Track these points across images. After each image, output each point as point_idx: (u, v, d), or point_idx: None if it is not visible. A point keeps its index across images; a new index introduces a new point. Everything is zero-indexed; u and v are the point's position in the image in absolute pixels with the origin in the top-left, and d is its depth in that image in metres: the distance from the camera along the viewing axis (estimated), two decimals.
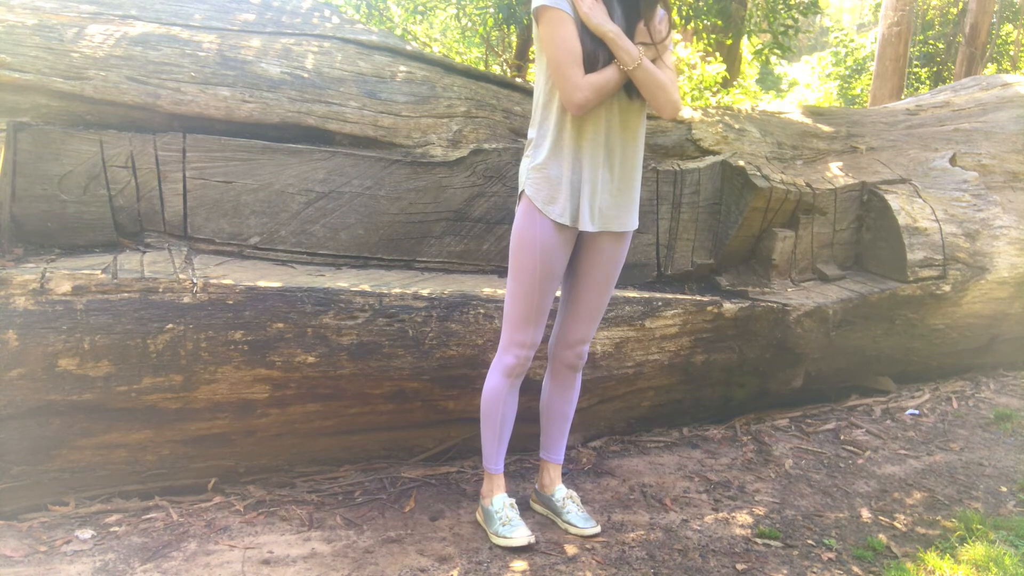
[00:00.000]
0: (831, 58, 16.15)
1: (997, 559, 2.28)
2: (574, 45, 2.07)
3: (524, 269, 2.22)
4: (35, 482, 2.36)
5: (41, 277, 2.24)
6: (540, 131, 2.20)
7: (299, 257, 2.81)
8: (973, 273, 3.82)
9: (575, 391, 2.47)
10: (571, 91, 2.07)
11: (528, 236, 2.21)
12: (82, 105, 2.62)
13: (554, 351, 2.43)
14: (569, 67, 2.07)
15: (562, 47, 2.07)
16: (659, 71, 2.14)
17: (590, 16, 2.08)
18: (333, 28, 3.23)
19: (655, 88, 2.13)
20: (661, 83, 2.13)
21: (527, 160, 2.25)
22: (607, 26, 2.08)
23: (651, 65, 2.12)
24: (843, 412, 3.65)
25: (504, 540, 2.29)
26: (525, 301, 2.24)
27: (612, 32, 2.09)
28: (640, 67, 2.10)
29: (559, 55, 2.07)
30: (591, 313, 2.38)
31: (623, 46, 2.09)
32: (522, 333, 2.27)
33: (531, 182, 2.20)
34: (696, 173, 3.47)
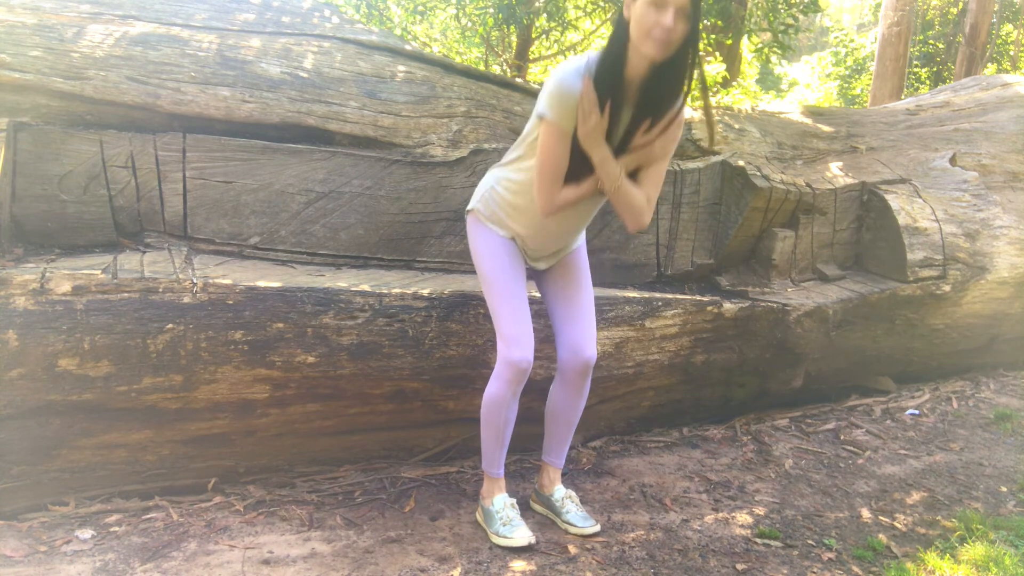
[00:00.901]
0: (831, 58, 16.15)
1: (997, 559, 2.28)
2: (562, 163, 2.13)
3: (492, 272, 2.32)
4: (35, 482, 2.36)
5: (41, 277, 2.24)
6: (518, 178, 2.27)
7: (299, 257, 2.81)
8: (973, 273, 3.82)
9: (583, 398, 2.46)
10: (543, 203, 2.18)
11: (484, 245, 2.34)
12: (82, 105, 2.62)
13: (562, 360, 2.42)
14: (549, 181, 2.15)
15: (550, 161, 2.13)
16: (635, 193, 2.19)
17: (585, 139, 2.09)
18: (333, 28, 3.23)
19: (626, 210, 2.22)
20: (633, 207, 2.21)
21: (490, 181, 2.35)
22: (595, 152, 2.11)
23: (629, 188, 2.18)
24: (843, 412, 3.65)
25: (504, 540, 2.29)
26: (507, 305, 2.30)
27: (599, 159, 2.12)
28: (618, 190, 2.17)
29: (545, 166, 2.14)
30: (581, 313, 2.42)
31: (607, 171, 2.14)
32: (514, 334, 2.28)
33: (483, 202, 2.35)
34: (696, 173, 3.47)
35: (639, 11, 1.97)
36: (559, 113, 2.07)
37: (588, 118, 2.06)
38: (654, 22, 1.95)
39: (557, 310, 2.45)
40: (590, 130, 2.08)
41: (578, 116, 2.07)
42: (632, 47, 2.02)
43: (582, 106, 2.05)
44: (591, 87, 2.04)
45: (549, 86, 2.09)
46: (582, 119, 2.07)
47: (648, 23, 1.95)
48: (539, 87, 3.80)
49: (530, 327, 2.31)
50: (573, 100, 2.05)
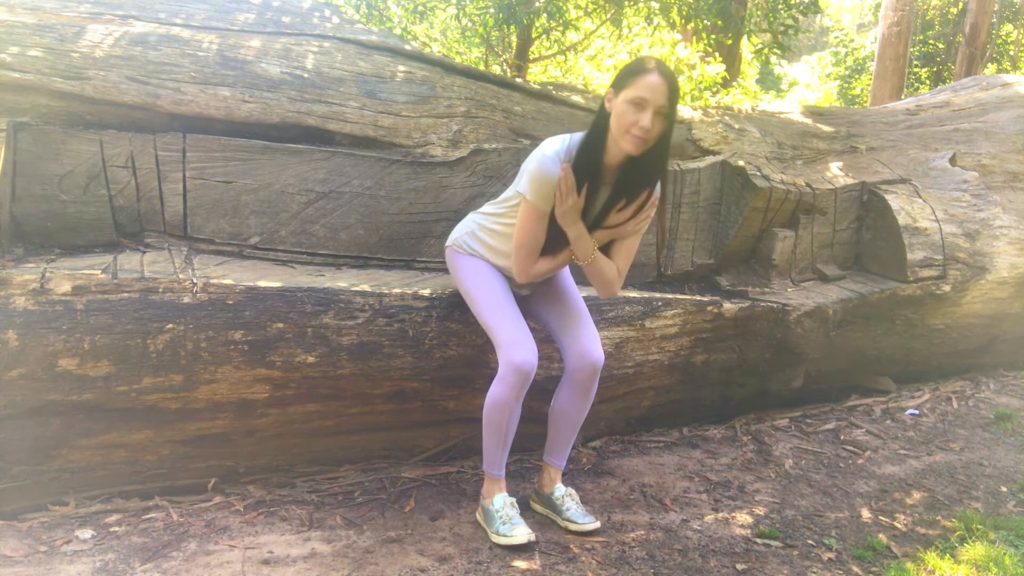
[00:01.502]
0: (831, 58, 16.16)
1: (997, 559, 2.28)
2: (539, 239, 2.28)
3: (479, 288, 2.40)
4: (35, 482, 2.36)
5: (41, 277, 2.24)
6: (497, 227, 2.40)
7: (299, 257, 2.81)
8: (973, 273, 3.82)
9: (590, 400, 2.47)
10: (519, 272, 2.34)
11: (465, 268, 2.45)
12: (82, 105, 2.62)
13: (571, 367, 2.43)
14: (526, 254, 2.31)
15: (527, 237, 2.28)
16: (607, 266, 2.34)
17: (562, 218, 2.23)
18: (333, 28, 3.23)
19: (598, 280, 2.37)
20: (604, 279, 2.35)
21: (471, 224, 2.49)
22: (572, 229, 2.25)
23: (602, 261, 2.33)
24: (843, 412, 3.65)
25: (505, 539, 2.29)
26: (498, 313, 2.34)
27: (574, 233, 2.26)
28: (591, 264, 2.32)
29: (522, 240, 2.29)
30: (579, 317, 2.47)
31: (581, 248, 2.29)
32: (512, 337, 2.29)
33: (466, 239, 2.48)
34: (696, 173, 3.47)
35: (620, 108, 2.09)
36: (538, 195, 2.21)
37: (565, 200, 2.19)
38: (633, 121, 2.07)
39: (555, 321, 2.50)
40: (567, 210, 2.21)
41: (556, 197, 2.20)
42: (611, 139, 2.16)
43: (559, 189, 2.18)
44: (570, 172, 2.16)
45: (530, 168, 2.21)
46: (559, 201, 2.20)
47: (628, 121, 2.08)
48: (539, 87, 3.80)
49: (528, 331, 2.32)
50: (551, 184, 2.18)
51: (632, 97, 2.07)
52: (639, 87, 2.06)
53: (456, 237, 2.54)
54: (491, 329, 2.36)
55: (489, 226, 2.44)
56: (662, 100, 2.06)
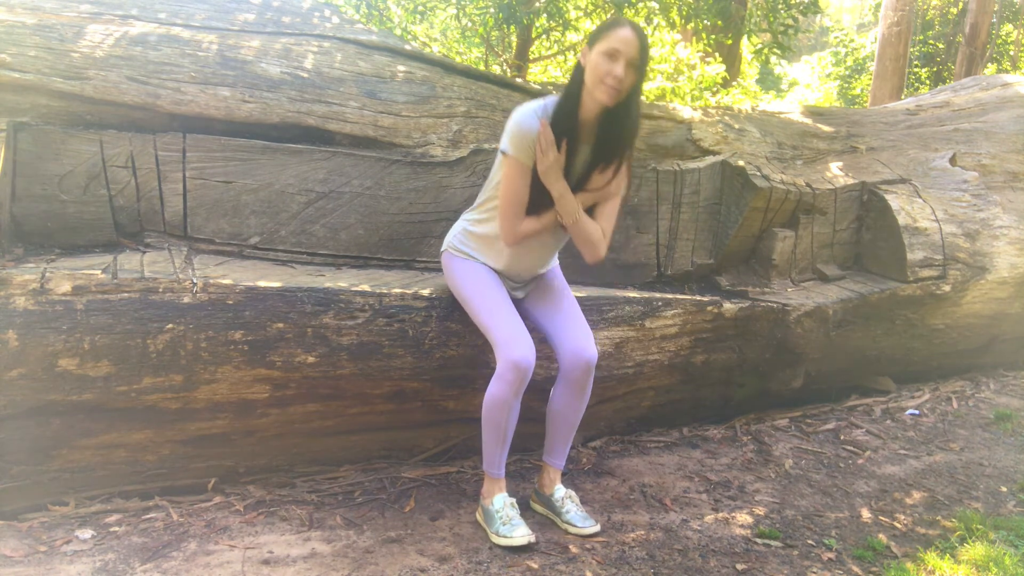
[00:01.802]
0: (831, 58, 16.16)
1: (997, 559, 2.28)
2: (522, 195, 2.32)
3: (474, 290, 2.42)
4: (35, 482, 2.36)
5: (41, 277, 2.24)
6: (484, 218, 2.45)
7: (299, 257, 2.81)
8: (973, 273, 3.82)
9: (586, 399, 2.47)
10: (506, 233, 2.36)
11: (461, 270, 2.47)
12: (82, 105, 2.62)
13: (566, 365, 2.43)
14: (511, 214, 2.34)
15: (512, 194, 2.32)
16: (592, 226, 2.38)
17: (545, 174, 2.28)
18: (333, 28, 3.24)
19: (583, 242, 2.41)
20: (590, 239, 2.39)
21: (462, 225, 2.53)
22: (555, 187, 2.30)
23: (586, 221, 2.37)
24: (843, 412, 3.65)
25: (504, 540, 2.29)
26: (495, 313, 2.36)
27: (557, 192, 2.30)
28: (576, 223, 2.35)
29: (507, 199, 2.33)
30: (572, 316, 2.48)
31: (565, 206, 2.32)
32: (509, 334, 2.29)
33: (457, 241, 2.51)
34: (696, 173, 3.47)
35: (594, 60, 2.20)
36: (518, 149, 2.27)
37: (546, 154, 2.25)
38: (607, 71, 2.17)
39: (547, 320, 2.51)
40: (548, 166, 2.26)
41: (536, 153, 2.26)
42: (586, 92, 2.24)
43: (539, 143, 2.24)
44: (547, 127, 2.24)
45: (509, 126, 2.29)
46: (540, 156, 2.26)
47: (602, 71, 2.18)
48: (539, 87, 3.80)
49: (524, 327, 2.33)
50: (531, 138, 2.25)
51: (605, 49, 2.17)
52: (612, 40, 2.17)
53: (449, 240, 2.57)
54: (488, 329, 2.36)
55: (477, 216, 2.48)
56: (634, 52, 2.17)
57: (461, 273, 2.48)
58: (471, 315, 2.46)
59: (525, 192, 2.32)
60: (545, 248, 2.49)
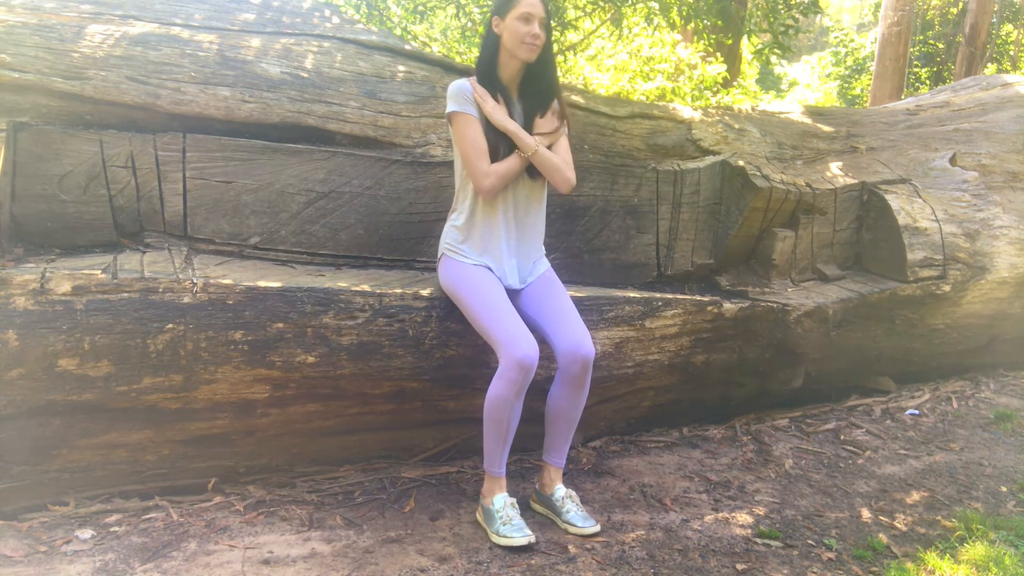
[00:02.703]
0: (831, 58, 16.16)
1: (997, 559, 2.28)
2: (480, 142, 2.46)
3: (472, 292, 2.44)
4: (35, 482, 2.36)
5: (41, 277, 2.24)
6: (459, 209, 2.56)
7: (299, 257, 2.81)
8: (973, 273, 3.82)
9: (584, 396, 2.47)
10: (480, 178, 2.45)
11: (457, 273, 2.51)
12: (82, 105, 2.62)
13: (563, 362, 2.43)
14: (477, 160, 2.45)
15: (471, 144, 2.46)
16: (553, 156, 2.52)
17: (493, 114, 2.47)
18: (333, 28, 3.23)
19: (551, 170, 2.52)
20: (556, 165, 2.52)
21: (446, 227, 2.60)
22: (507, 123, 2.48)
23: (546, 152, 2.51)
24: (843, 412, 3.65)
25: (505, 540, 2.29)
26: (494, 313, 2.37)
27: (512, 127, 2.48)
28: (537, 153, 2.49)
29: (468, 150, 2.46)
30: (567, 313, 2.49)
31: (522, 138, 2.48)
32: (511, 333, 2.29)
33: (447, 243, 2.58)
34: (696, 173, 3.47)
35: (511, 26, 2.46)
36: (460, 103, 2.47)
37: (486, 101, 2.48)
38: (526, 32, 2.45)
39: (543, 319, 2.50)
40: (492, 107, 2.48)
41: (478, 102, 2.47)
42: (505, 54, 2.50)
43: (477, 94, 2.48)
44: (477, 84, 2.52)
45: (449, 92, 2.50)
46: (482, 103, 2.47)
47: (521, 33, 2.45)
48: None
49: (525, 326, 2.33)
50: (468, 93, 2.48)
51: (520, 14, 2.44)
52: (523, 4, 2.45)
53: (441, 246, 2.62)
54: (488, 329, 2.36)
55: (457, 209, 2.57)
56: (542, 12, 2.47)
57: (456, 276, 2.50)
58: (469, 318, 2.46)
59: (481, 138, 2.46)
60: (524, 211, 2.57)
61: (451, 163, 3.00)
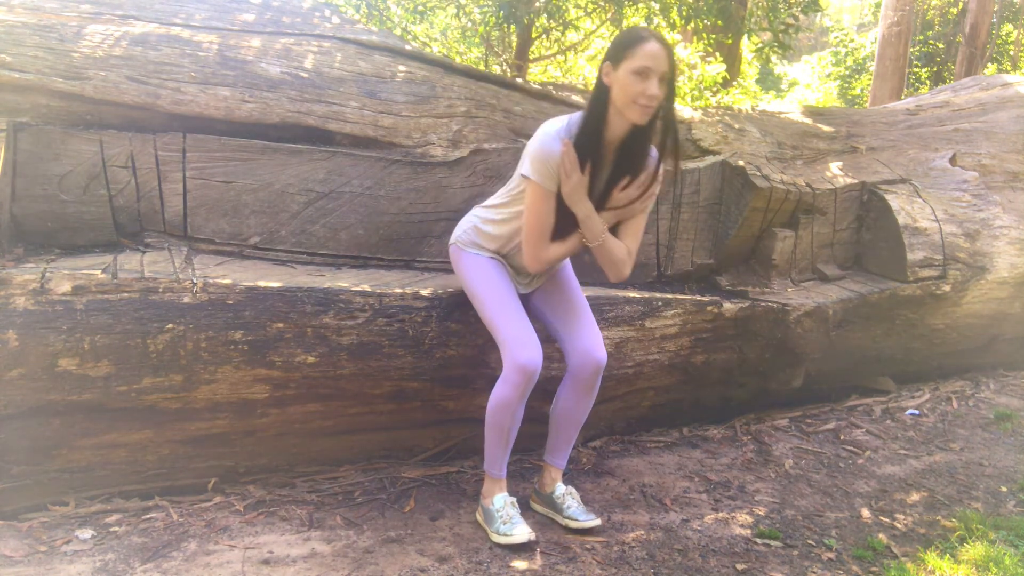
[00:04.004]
0: (831, 58, 16.16)
1: (997, 559, 2.28)
2: (548, 221, 2.27)
3: (484, 287, 2.38)
4: (35, 482, 2.36)
5: (41, 277, 2.24)
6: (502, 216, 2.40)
7: (299, 257, 2.81)
8: (973, 273, 3.82)
9: (592, 399, 2.47)
10: (531, 259, 2.32)
11: (470, 265, 2.43)
12: (82, 105, 2.62)
13: (574, 366, 2.43)
14: (537, 240, 2.29)
15: (537, 220, 2.27)
16: (617, 247, 2.33)
17: (570, 197, 2.23)
18: (333, 28, 3.23)
19: (608, 264, 2.35)
20: (615, 260, 2.34)
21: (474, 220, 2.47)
22: (579, 209, 2.25)
23: (612, 242, 2.32)
24: (843, 412, 3.65)
25: (505, 538, 2.29)
26: (503, 313, 2.34)
27: (583, 215, 2.26)
28: (601, 245, 2.31)
29: (532, 224, 2.28)
30: (582, 317, 2.46)
31: (591, 228, 2.28)
32: (518, 335, 2.28)
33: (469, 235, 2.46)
34: (696, 173, 3.47)
35: (623, 80, 2.11)
36: (542, 175, 2.21)
37: (570, 177, 2.20)
38: (640, 91, 2.09)
39: (558, 320, 2.48)
40: (572, 188, 2.21)
41: (560, 176, 2.21)
42: (614, 112, 2.17)
43: (564, 165, 2.19)
44: (571, 148, 2.18)
45: (532, 148, 2.22)
46: (564, 179, 2.21)
47: (634, 92, 2.10)
48: (539, 87, 3.80)
49: (532, 329, 2.32)
50: (554, 162, 2.19)
51: (635, 68, 2.09)
52: (641, 56, 2.08)
53: (459, 234, 2.52)
54: (496, 328, 2.35)
55: (492, 217, 2.43)
56: (664, 67, 2.10)
57: (470, 268, 2.44)
58: (479, 311, 2.43)
59: (550, 217, 2.27)
60: None
61: (451, 163, 3.01)
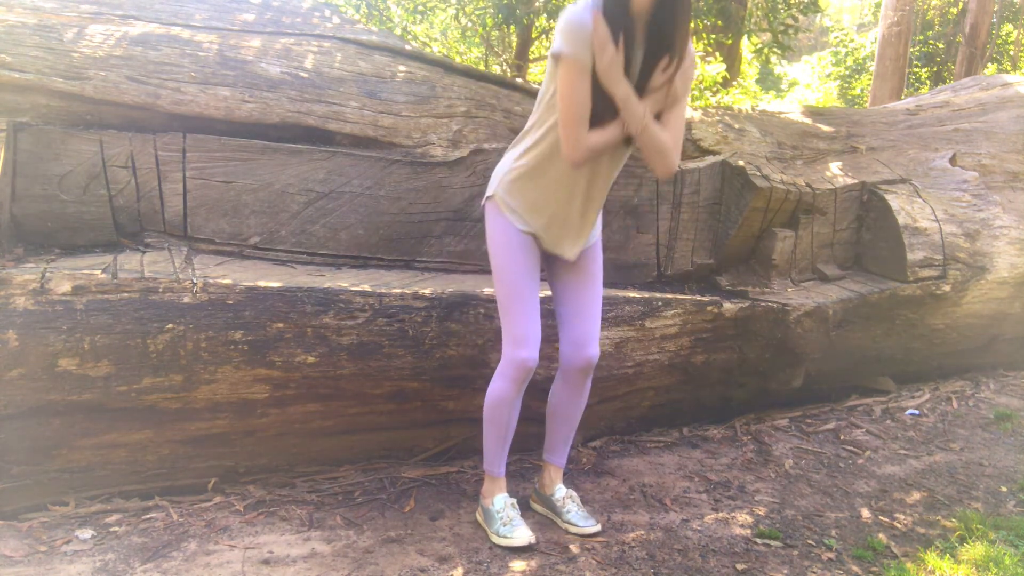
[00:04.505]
0: (831, 58, 16.15)
1: (997, 559, 2.28)
2: (586, 102, 2.06)
3: (505, 268, 2.27)
4: (35, 482, 2.36)
5: (41, 277, 2.24)
6: (532, 148, 2.21)
7: (299, 257, 2.81)
8: (973, 273, 3.82)
9: (584, 396, 2.46)
10: (571, 148, 2.09)
11: (501, 235, 2.27)
12: (82, 105, 2.62)
13: (565, 357, 2.42)
14: (576, 125, 2.07)
15: (576, 102, 2.06)
16: (662, 134, 2.13)
17: (607, 75, 2.04)
18: (333, 28, 3.24)
19: (654, 152, 2.14)
20: (661, 148, 2.13)
21: (507, 163, 2.28)
22: (618, 89, 2.06)
23: (655, 129, 2.11)
24: (843, 412, 3.65)
25: (505, 540, 2.29)
26: (517, 303, 2.27)
27: (622, 95, 2.06)
28: (644, 131, 2.10)
29: (569, 109, 2.06)
30: (588, 310, 2.40)
31: (631, 110, 2.07)
32: (522, 333, 2.27)
33: (504, 187, 2.26)
34: (696, 173, 3.47)
35: None
36: (575, 46, 2.02)
37: (604, 51, 2.01)
38: None
39: (565, 306, 2.42)
40: (608, 64, 2.03)
41: (594, 50, 2.02)
42: None
43: (596, 38, 2.01)
44: (601, 19, 2.01)
45: (561, 24, 2.05)
46: (598, 52, 2.02)
47: None
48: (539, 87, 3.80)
49: (538, 327, 2.30)
50: (586, 32, 2.02)
51: None
52: None
53: (494, 186, 2.31)
54: (504, 313, 2.29)
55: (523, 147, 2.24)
56: None
57: (501, 238, 2.28)
58: (494, 282, 2.32)
59: (587, 97, 2.05)
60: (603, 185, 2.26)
61: (451, 163, 3.00)
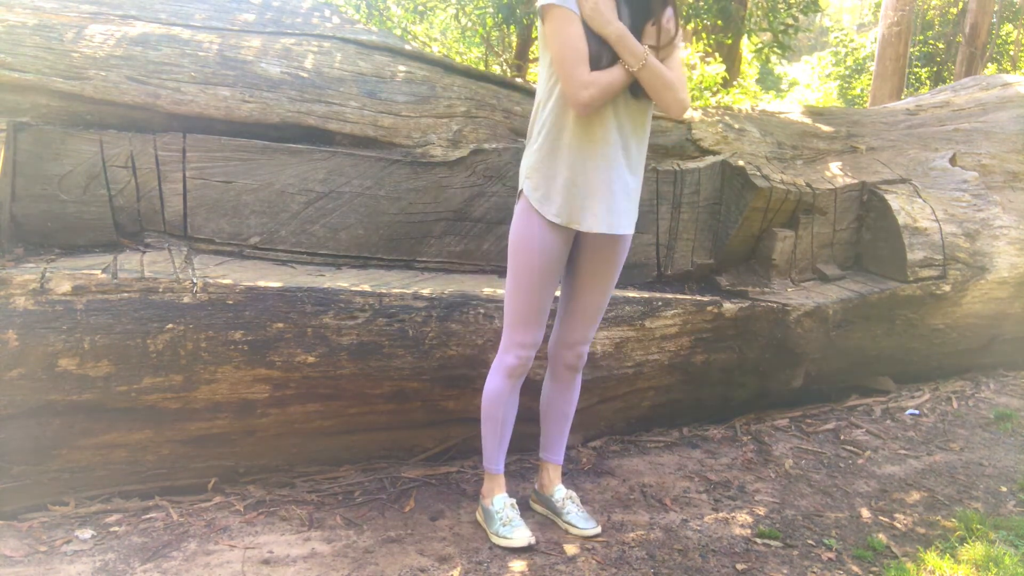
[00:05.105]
0: (831, 58, 16.17)
1: (997, 559, 2.28)
2: (580, 44, 2.03)
3: (523, 268, 2.22)
4: (35, 482, 2.36)
5: (41, 277, 2.24)
6: (539, 130, 2.17)
7: (299, 257, 2.81)
8: (973, 273, 3.82)
9: (575, 392, 2.47)
10: (576, 89, 2.03)
11: (526, 235, 2.20)
12: (82, 105, 2.62)
13: (554, 352, 2.43)
14: (575, 66, 2.02)
15: (567, 45, 2.02)
16: (666, 70, 2.09)
17: (593, 17, 2.03)
18: (333, 28, 3.23)
19: (661, 88, 2.09)
20: (668, 82, 2.08)
21: (526, 154, 2.24)
22: (610, 27, 2.03)
23: (657, 64, 2.07)
24: (843, 412, 3.65)
25: (504, 540, 2.29)
26: (525, 300, 2.24)
27: (615, 33, 2.04)
28: (645, 67, 2.05)
29: (564, 53, 2.03)
30: (591, 314, 2.38)
31: (628, 46, 2.04)
32: (522, 333, 2.27)
33: (528, 181, 2.20)
34: (696, 173, 3.47)
35: None
36: None
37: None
38: None
39: (570, 299, 2.39)
40: (595, 5, 2.03)
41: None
42: None
43: None
44: None
45: None
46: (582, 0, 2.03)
47: None
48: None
49: (542, 332, 2.30)
50: None
51: None
52: None
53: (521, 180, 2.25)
54: (509, 311, 2.27)
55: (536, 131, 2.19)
56: None
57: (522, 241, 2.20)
58: (508, 276, 2.27)
59: (581, 39, 2.02)
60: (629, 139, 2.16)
61: (451, 163, 3.00)
